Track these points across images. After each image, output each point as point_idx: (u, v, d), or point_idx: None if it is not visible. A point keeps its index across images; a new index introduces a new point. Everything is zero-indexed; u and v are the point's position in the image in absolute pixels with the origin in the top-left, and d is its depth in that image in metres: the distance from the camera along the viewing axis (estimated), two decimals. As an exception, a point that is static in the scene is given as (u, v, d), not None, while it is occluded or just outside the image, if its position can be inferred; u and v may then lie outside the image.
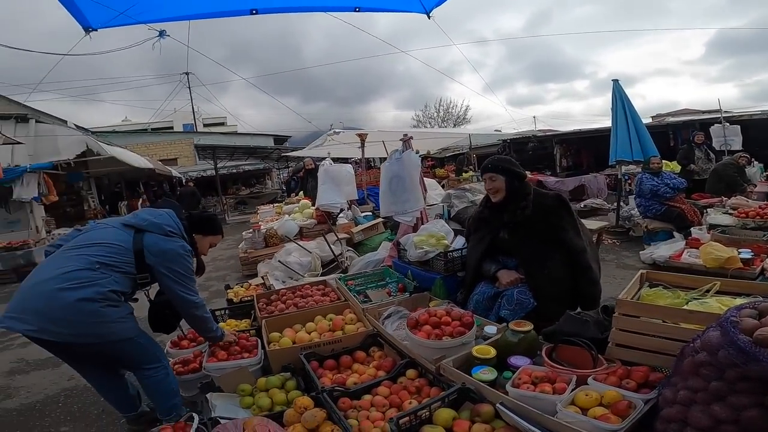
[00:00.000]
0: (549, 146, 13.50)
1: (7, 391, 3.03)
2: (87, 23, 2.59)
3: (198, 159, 18.30)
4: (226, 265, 6.75)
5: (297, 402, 1.78)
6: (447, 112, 33.52)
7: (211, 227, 2.37)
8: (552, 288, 2.23)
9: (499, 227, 2.43)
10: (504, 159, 2.49)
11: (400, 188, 3.28)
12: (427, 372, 1.89)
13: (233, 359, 2.31)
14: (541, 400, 1.43)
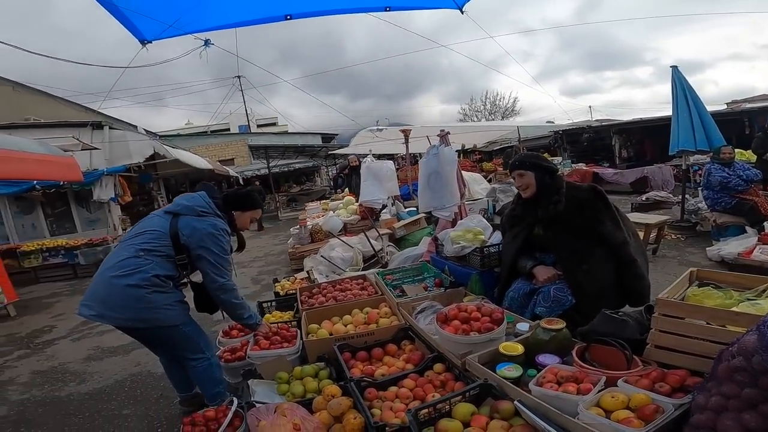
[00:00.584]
0: (606, 137, 12.69)
1: (82, 375, 3.31)
2: (142, 36, 2.84)
3: (252, 159, 19.27)
4: (277, 260, 7.11)
5: (325, 390, 1.86)
6: (494, 104, 32.63)
7: (249, 202, 2.37)
8: (593, 284, 2.14)
9: (533, 223, 2.38)
10: (531, 155, 2.47)
11: (438, 184, 3.28)
12: (453, 367, 1.90)
13: (274, 348, 2.43)
14: (563, 399, 1.39)
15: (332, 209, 6.47)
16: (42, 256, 7.72)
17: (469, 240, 2.78)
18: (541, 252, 2.41)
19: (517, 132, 12.36)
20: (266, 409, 1.70)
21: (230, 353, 2.66)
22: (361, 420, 1.63)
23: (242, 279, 5.98)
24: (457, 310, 2.03)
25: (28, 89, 12.06)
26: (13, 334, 4.66)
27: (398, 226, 4.99)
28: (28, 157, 4.62)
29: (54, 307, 5.77)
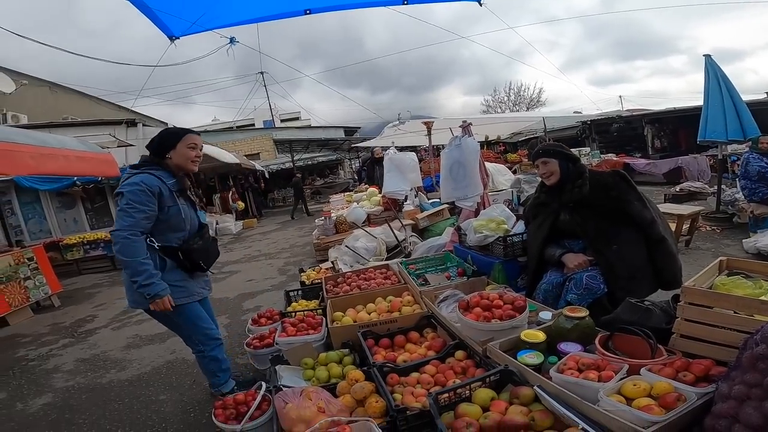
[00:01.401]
0: (638, 126, 12.24)
1: (122, 363, 3.43)
2: (170, 32, 2.94)
3: (277, 153, 19.61)
4: (302, 251, 7.26)
5: (349, 374, 1.91)
6: (518, 95, 31.96)
7: (171, 138, 2.17)
8: (624, 265, 2.12)
9: (558, 209, 2.38)
10: (554, 144, 2.49)
11: (461, 174, 3.29)
12: (474, 354, 1.92)
13: (300, 335, 2.53)
14: (584, 386, 1.39)
15: (356, 201, 6.55)
16: (83, 248, 8.11)
17: (492, 229, 2.79)
18: (569, 239, 2.40)
19: (542, 123, 12.09)
20: (293, 393, 1.77)
21: (259, 340, 2.76)
22: (383, 404, 1.68)
23: (269, 270, 6.17)
24: (479, 298, 2.05)
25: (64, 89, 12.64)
26: (57, 323, 4.88)
27: (421, 217, 5.02)
28: (70, 154, 4.88)
29: (95, 297, 6.03)
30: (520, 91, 31.95)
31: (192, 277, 2.28)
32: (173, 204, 2.11)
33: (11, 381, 3.33)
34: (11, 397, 3.02)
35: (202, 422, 2.36)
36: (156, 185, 2.04)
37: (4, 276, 4.95)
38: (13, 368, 3.59)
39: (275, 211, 17.76)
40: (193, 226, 2.27)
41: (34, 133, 4.91)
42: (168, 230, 2.13)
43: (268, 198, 19.38)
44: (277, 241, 8.93)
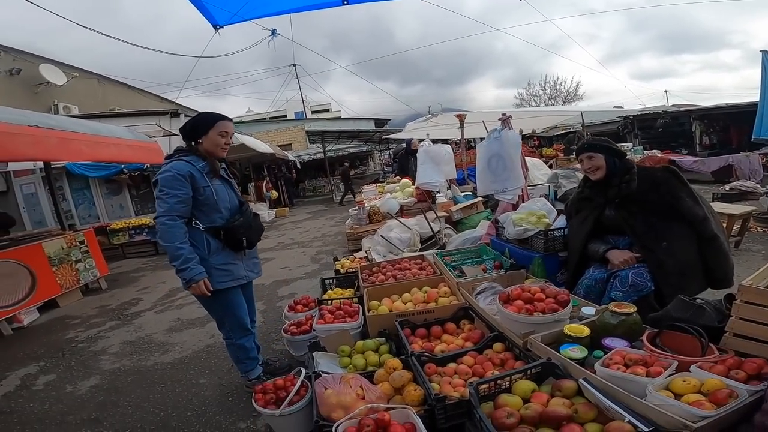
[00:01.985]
0: (685, 122, 11.62)
1: (165, 347, 3.51)
2: (215, 21, 3.04)
3: (309, 143, 19.90)
4: (334, 241, 7.38)
5: (387, 363, 1.94)
6: (554, 89, 31.00)
7: (202, 124, 2.23)
8: (674, 262, 2.06)
9: (603, 205, 2.33)
10: (599, 138, 2.40)
11: (500, 167, 3.25)
12: (514, 346, 1.91)
13: (338, 322, 2.57)
14: (631, 381, 1.38)
15: (388, 192, 6.58)
16: (128, 233, 8.53)
17: (533, 223, 2.75)
18: (613, 235, 2.34)
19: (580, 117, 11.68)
20: (332, 378, 1.81)
21: (296, 327, 2.81)
22: (421, 392, 1.70)
23: (302, 258, 6.30)
24: (521, 291, 2.04)
25: (111, 81, 13.23)
26: (105, 306, 5.04)
27: (455, 209, 4.99)
28: (121, 142, 5.15)
29: (139, 281, 6.23)
30: (556, 84, 31.03)
31: (241, 258, 2.34)
32: (206, 185, 2.17)
33: (61, 362, 3.44)
34: (61, 379, 3.12)
35: (240, 406, 2.43)
36: (186, 170, 2.11)
37: (56, 258, 5.12)
38: (63, 350, 3.72)
39: (306, 200, 18.09)
40: (233, 204, 2.33)
41: (87, 122, 5.21)
42: (209, 211, 2.21)
43: (299, 188, 19.74)
44: (309, 230, 9.10)
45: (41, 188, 9.50)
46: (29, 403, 2.79)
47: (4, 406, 2.79)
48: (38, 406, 2.75)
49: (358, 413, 1.57)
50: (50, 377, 3.16)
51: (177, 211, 2.09)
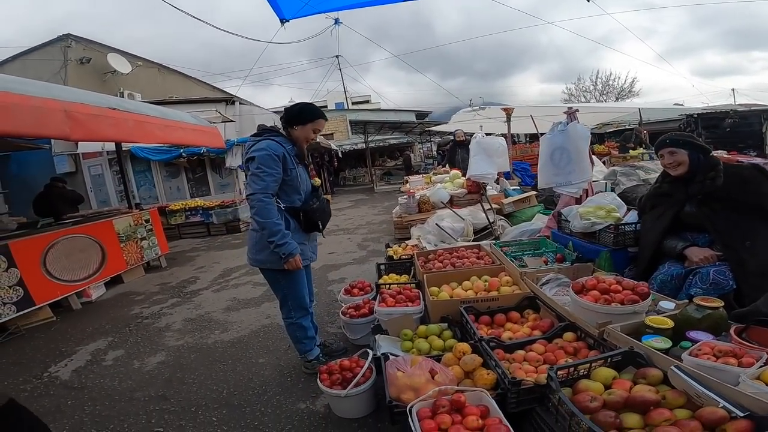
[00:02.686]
0: (755, 122, 10.79)
1: (224, 325, 3.58)
2: (282, 15, 3.13)
3: (350, 134, 20.12)
4: (379, 228, 7.49)
5: (457, 347, 1.97)
6: (606, 84, 29.58)
7: (307, 114, 2.32)
8: (757, 262, 1.98)
9: (682, 201, 2.26)
10: (683, 134, 2.34)
11: (564, 160, 3.19)
12: (587, 336, 1.90)
13: (400, 306, 2.62)
14: (722, 371, 1.36)
15: (437, 182, 6.59)
16: (185, 214, 9.00)
17: (602, 217, 2.69)
18: (691, 232, 2.27)
19: (638, 114, 11.10)
20: (403, 361, 1.85)
21: (354, 309, 2.87)
22: (493, 376, 1.73)
23: (348, 244, 6.42)
24: (596, 281, 2.02)
25: (170, 71, 13.96)
26: (165, 283, 5.20)
27: (507, 202, 4.94)
28: (187, 126, 5.46)
29: (195, 260, 6.47)
30: (608, 80, 29.61)
31: (307, 240, 2.44)
32: (293, 167, 2.26)
33: (128, 338, 3.53)
34: (129, 355, 3.19)
35: (299, 387, 2.47)
36: (280, 150, 2.19)
37: (124, 235, 5.38)
38: (129, 325, 3.83)
39: (345, 189, 18.36)
40: (308, 188, 2.43)
41: (157, 107, 5.54)
42: (291, 192, 2.30)
43: (339, 177, 20.06)
44: (353, 218, 9.26)
45: (107, 170, 10.23)
46: (100, 379, 2.84)
47: (75, 382, 2.84)
48: (108, 382, 2.79)
49: (431, 395, 1.61)
50: (119, 352, 3.25)
51: (272, 189, 2.18)
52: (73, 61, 10.98)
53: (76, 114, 3.64)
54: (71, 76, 10.69)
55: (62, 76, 10.44)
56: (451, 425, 1.49)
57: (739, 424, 1.18)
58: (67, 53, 10.75)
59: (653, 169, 5.56)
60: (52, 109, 3.40)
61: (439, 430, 1.47)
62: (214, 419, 2.27)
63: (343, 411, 2.12)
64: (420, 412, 1.57)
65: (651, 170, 5.67)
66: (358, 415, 2.10)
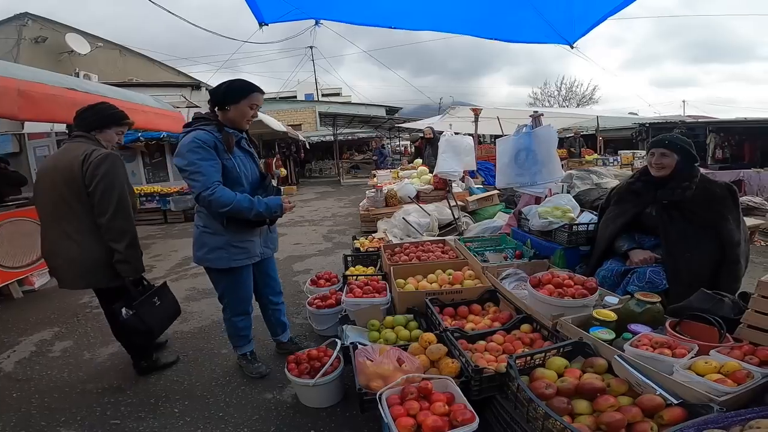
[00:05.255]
0: (701, 134, 11.68)
1: (183, 315, 3.29)
2: (262, 19, 3.01)
3: (319, 125, 19.92)
4: (345, 221, 7.51)
5: (423, 337, 2.04)
6: (570, 90, 30.92)
7: (237, 92, 2.06)
8: (690, 273, 2.16)
9: (648, 202, 2.37)
10: (683, 139, 2.34)
11: (530, 161, 3.33)
12: (542, 328, 2.04)
13: (367, 297, 2.65)
14: (659, 360, 1.51)
15: (405, 177, 6.69)
16: (139, 200, 8.53)
17: (558, 216, 2.86)
18: (642, 234, 2.43)
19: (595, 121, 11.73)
20: (372, 350, 1.90)
21: (321, 300, 2.88)
22: (457, 365, 1.82)
23: (314, 235, 6.41)
24: (551, 276, 2.16)
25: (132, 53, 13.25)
26: None
27: (471, 200, 5.11)
28: (150, 110, 5.20)
29: (151, 248, 6.17)
30: (572, 86, 30.96)
31: (259, 234, 2.25)
32: (228, 158, 2.04)
33: (77, 329, 3.31)
34: (78, 346, 3.00)
35: (265, 377, 2.45)
36: (210, 139, 1.97)
37: None
38: (77, 315, 3.59)
39: (312, 181, 18.16)
40: (254, 177, 2.20)
41: (119, 89, 5.26)
42: (231, 184, 2.05)
43: (305, 168, 19.82)
44: (318, 210, 9.21)
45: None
46: (47, 371, 2.67)
47: (19, 373, 2.65)
48: (56, 373, 2.63)
49: (399, 382, 1.67)
50: (67, 343, 3.06)
51: (215, 178, 1.97)
52: (27, 40, 10.24)
53: (32, 93, 3.42)
54: (24, 55, 10.00)
55: (14, 54, 9.70)
56: (419, 411, 1.55)
57: (674, 411, 1.32)
58: (21, 32, 10.02)
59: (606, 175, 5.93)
60: (4, 87, 3.19)
61: (408, 415, 1.53)
62: (175, 410, 2.20)
63: (311, 400, 2.14)
64: (389, 399, 1.62)
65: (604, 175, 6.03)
66: (326, 404, 2.12)
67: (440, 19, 2.99)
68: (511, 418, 1.56)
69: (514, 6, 2.72)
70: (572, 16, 2.83)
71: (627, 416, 1.35)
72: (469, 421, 1.47)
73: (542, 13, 2.79)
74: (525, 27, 2.97)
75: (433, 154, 6.10)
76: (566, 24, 2.88)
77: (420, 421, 1.51)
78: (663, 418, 1.32)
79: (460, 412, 1.51)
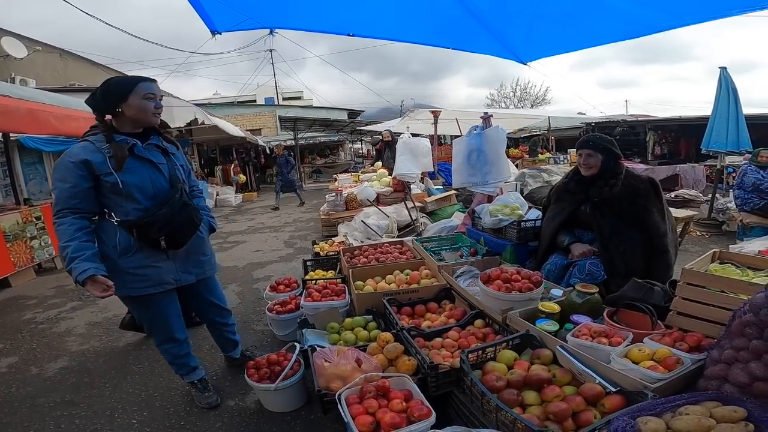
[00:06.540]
0: (641, 132, 12.53)
1: None
2: (214, 27, 2.94)
3: (279, 130, 19.58)
4: (306, 226, 7.43)
5: (380, 337, 2.08)
6: (524, 92, 32.24)
7: (117, 90, 1.78)
8: (624, 265, 2.31)
9: (582, 200, 2.51)
10: (606, 138, 2.48)
11: (481, 161, 3.45)
12: (494, 322, 2.12)
13: (326, 300, 2.67)
14: (597, 349, 1.61)
15: (365, 180, 6.73)
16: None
17: (507, 214, 2.99)
18: (581, 229, 2.58)
19: (547, 121, 12.28)
20: (330, 351, 1.92)
21: (281, 306, 2.86)
22: (414, 362, 1.87)
23: (274, 242, 6.30)
24: (500, 272, 2.25)
25: (73, 56, 12.45)
26: (62, 286, 4.73)
27: (430, 201, 5.23)
28: (90, 116, 4.91)
29: None
30: (527, 87, 32.25)
31: (169, 258, 1.94)
32: (109, 171, 1.74)
33: (22, 344, 3.23)
34: (24, 361, 2.94)
35: (226, 385, 2.44)
36: (81, 156, 1.72)
37: (11, 234, 4.77)
38: (21, 331, 3.49)
39: (272, 186, 17.76)
40: (159, 190, 1.87)
41: (55, 95, 4.94)
42: (122, 201, 1.81)
43: (266, 173, 19.41)
44: (280, 216, 9.07)
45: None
46: None
47: None
48: (3, 389, 2.56)
49: (357, 382, 1.70)
50: (12, 359, 2.97)
51: (68, 205, 1.74)
52: (-44, 46, 9.37)
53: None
54: (-49, 62, 9.13)
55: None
56: (378, 409, 1.58)
57: (614, 399, 1.41)
58: (-51, 38, 9.15)
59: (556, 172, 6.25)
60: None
61: (367, 413, 1.56)
62: (134, 421, 2.16)
63: (274, 405, 2.14)
64: (348, 399, 1.65)
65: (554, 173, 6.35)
66: (289, 408, 2.13)
67: (396, 29, 3.03)
68: (470, 412, 1.62)
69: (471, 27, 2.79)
70: (530, 47, 2.93)
71: (571, 405, 1.42)
72: (426, 416, 1.51)
73: (500, 39, 2.87)
74: (480, 42, 3.06)
75: (392, 156, 6.18)
76: (524, 50, 2.98)
77: (379, 419, 1.54)
78: (605, 406, 1.41)
79: (417, 408, 1.55)
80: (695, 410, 1.22)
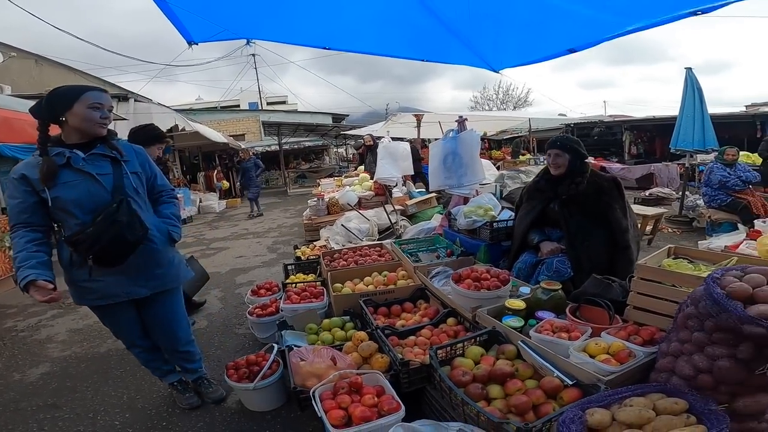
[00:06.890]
0: (618, 132, 12.88)
1: None
2: (190, 38, 2.96)
3: (263, 135, 19.51)
4: (290, 231, 7.45)
5: (355, 335, 2.15)
6: (507, 94, 32.75)
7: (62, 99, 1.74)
8: (589, 261, 2.42)
9: (551, 198, 2.62)
10: (573, 139, 2.62)
11: (456, 164, 3.55)
12: (465, 320, 2.20)
13: (305, 302, 2.72)
14: (557, 344, 1.70)
15: (347, 184, 6.79)
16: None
17: (480, 215, 3.09)
18: (550, 228, 2.68)
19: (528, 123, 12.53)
20: (306, 350, 1.97)
21: (261, 309, 2.90)
22: (387, 359, 1.93)
23: (257, 248, 6.31)
24: (470, 271, 2.34)
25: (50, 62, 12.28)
26: None
27: (410, 204, 5.32)
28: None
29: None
30: (509, 90, 32.73)
31: (121, 272, 1.86)
32: (41, 188, 1.71)
33: (3, 351, 3.26)
34: (6, 367, 2.97)
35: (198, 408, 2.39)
36: (20, 170, 1.72)
37: None
38: (2, 338, 3.51)
39: (258, 192, 17.69)
40: (100, 203, 1.78)
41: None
42: (65, 216, 1.78)
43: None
44: (264, 221, 9.06)
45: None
46: None
47: None
48: None
49: (331, 379, 1.76)
50: None
51: (20, 220, 1.74)
52: (-72, 54, 9.16)
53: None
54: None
55: None
56: (350, 404, 1.64)
57: (571, 392, 1.49)
58: None
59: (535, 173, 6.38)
60: None
61: (339, 408, 1.62)
62: (116, 423, 2.20)
63: (254, 404, 2.19)
64: (323, 395, 1.70)
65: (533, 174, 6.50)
66: (269, 407, 2.18)
67: (371, 42, 3.09)
68: (441, 407, 1.69)
69: (443, 37, 2.87)
70: (499, 53, 3.01)
71: (532, 398, 1.50)
72: (395, 410, 1.57)
73: (471, 47, 2.96)
74: (453, 52, 3.15)
75: (373, 160, 6.25)
76: (493, 57, 3.07)
77: (350, 413, 1.59)
78: (563, 399, 1.48)
79: (387, 403, 1.61)
80: (639, 402, 1.29)
